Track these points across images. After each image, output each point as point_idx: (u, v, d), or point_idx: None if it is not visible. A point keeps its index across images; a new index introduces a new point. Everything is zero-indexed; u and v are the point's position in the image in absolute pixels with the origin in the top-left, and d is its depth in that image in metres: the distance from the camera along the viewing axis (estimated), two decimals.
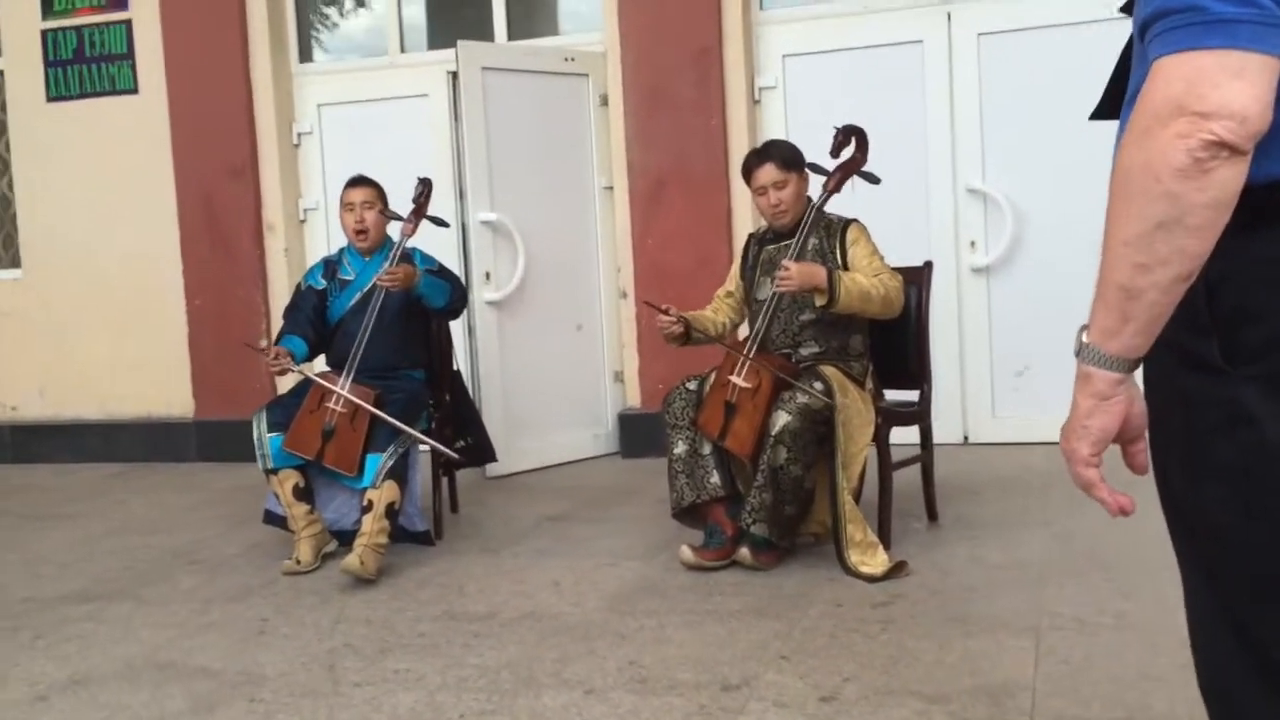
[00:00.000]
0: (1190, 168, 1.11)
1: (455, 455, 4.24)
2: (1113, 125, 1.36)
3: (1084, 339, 1.25)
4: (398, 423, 3.99)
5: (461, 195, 5.92)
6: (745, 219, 5.54)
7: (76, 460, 6.61)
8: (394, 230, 4.39)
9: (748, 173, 3.92)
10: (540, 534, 4.42)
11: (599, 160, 5.92)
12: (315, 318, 4.38)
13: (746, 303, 4.12)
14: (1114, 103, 1.38)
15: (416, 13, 6.51)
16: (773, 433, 3.59)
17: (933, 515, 4.22)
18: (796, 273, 3.61)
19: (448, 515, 4.63)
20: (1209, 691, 1.37)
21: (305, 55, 6.52)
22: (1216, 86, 1.10)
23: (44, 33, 6.58)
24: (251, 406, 4.20)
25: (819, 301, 3.67)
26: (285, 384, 4.87)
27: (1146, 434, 1.34)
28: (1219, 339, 1.22)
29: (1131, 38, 1.33)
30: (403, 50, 6.37)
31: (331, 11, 6.70)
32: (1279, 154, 1.17)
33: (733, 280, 4.15)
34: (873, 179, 3.81)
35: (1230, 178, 1.12)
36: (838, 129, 3.78)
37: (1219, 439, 1.24)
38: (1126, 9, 1.34)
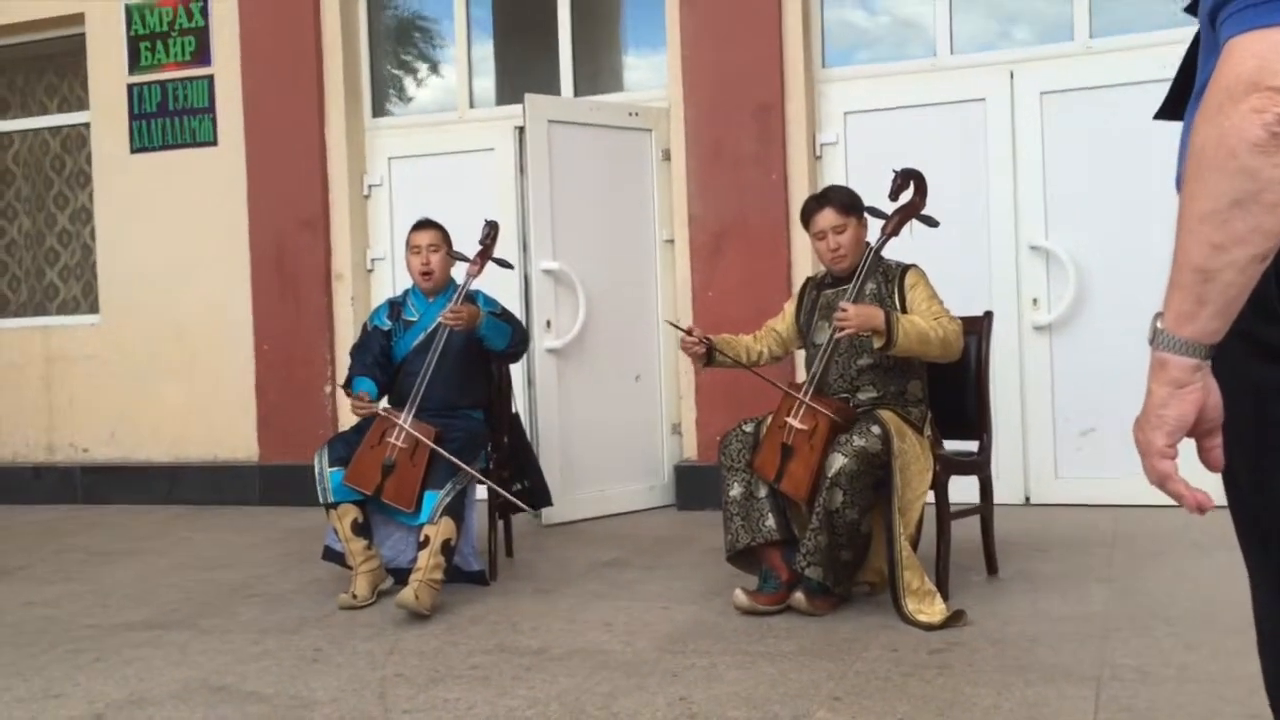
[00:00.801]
0: (1267, 142, 1.10)
1: (512, 497, 4.26)
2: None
3: (1158, 325, 1.22)
4: (456, 460, 4.03)
5: (525, 247, 6.02)
6: (805, 273, 5.56)
7: (143, 501, 6.75)
8: (459, 273, 4.48)
9: (807, 217, 3.95)
10: (594, 578, 4.42)
11: (660, 213, 6.00)
12: (381, 358, 4.46)
13: (802, 345, 4.13)
14: (1178, 104, 1.38)
15: (486, 71, 6.69)
16: (829, 475, 3.58)
17: (992, 569, 4.15)
18: (854, 314, 3.61)
19: (502, 558, 4.64)
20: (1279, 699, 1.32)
21: (378, 110, 6.72)
22: None
23: (130, 87, 6.85)
24: (314, 451, 4.27)
25: (877, 344, 3.66)
26: (347, 422, 4.94)
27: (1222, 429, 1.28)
28: None
29: (1196, 36, 1.33)
30: (471, 106, 6.53)
31: (404, 66, 6.91)
32: None
33: (784, 319, 4.16)
34: (931, 222, 3.81)
35: None
36: (896, 172, 3.80)
37: None
38: (1191, 9, 1.34)
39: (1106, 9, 5.48)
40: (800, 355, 4.58)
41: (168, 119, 6.78)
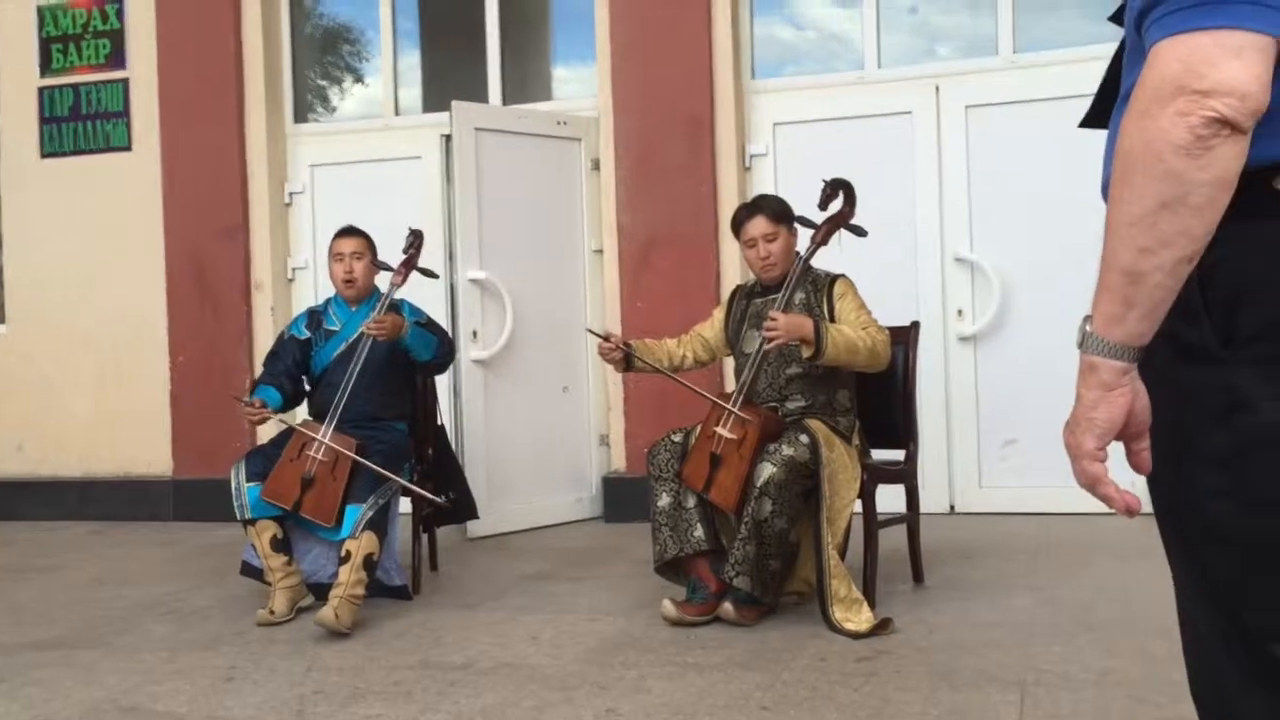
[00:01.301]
0: (1193, 145, 1.11)
1: (440, 500, 4.19)
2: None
3: (1087, 328, 1.22)
4: (380, 469, 3.94)
5: (451, 256, 5.94)
6: (735, 284, 5.55)
7: (53, 518, 6.52)
8: (383, 282, 4.39)
9: (737, 225, 3.94)
10: (520, 591, 4.35)
11: (589, 223, 5.96)
12: (294, 369, 4.35)
13: (731, 354, 4.12)
14: (1103, 112, 1.39)
15: (413, 81, 6.60)
16: (757, 484, 3.56)
17: (918, 577, 4.17)
18: (784, 324, 3.60)
19: (426, 572, 4.55)
20: (1202, 699, 1.32)
21: (300, 116, 6.59)
22: (1214, 65, 1.10)
23: (40, 90, 6.65)
24: (231, 466, 4.14)
25: (805, 353, 3.66)
26: (266, 435, 4.82)
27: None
28: (1213, 323, 1.20)
29: (1121, 44, 1.33)
30: (397, 113, 6.44)
31: (328, 74, 6.79)
32: (1271, 138, 1.16)
33: (712, 326, 4.14)
34: (860, 231, 3.83)
35: (1231, 155, 1.12)
36: (826, 182, 3.81)
37: (1214, 427, 1.21)
38: (1116, 18, 1.35)
39: (1030, 25, 5.58)
40: (729, 364, 4.56)
41: (80, 123, 6.59)
